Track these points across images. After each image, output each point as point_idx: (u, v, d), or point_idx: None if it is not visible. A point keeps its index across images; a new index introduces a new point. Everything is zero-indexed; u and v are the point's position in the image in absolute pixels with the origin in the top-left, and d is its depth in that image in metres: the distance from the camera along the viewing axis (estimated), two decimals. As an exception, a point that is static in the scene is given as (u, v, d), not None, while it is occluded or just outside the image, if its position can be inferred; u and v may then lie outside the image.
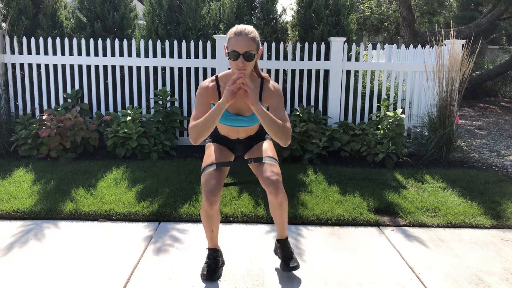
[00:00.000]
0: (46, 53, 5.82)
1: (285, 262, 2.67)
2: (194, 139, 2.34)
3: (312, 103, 5.85)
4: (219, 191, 2.47)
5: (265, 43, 5.69)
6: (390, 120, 5.26)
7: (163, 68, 5.90)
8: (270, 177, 2.46)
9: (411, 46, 6.06)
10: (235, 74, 2.29)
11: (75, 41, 5.64)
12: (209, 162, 2.59)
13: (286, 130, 2.34)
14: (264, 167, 2.52)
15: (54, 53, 5.83)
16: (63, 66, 5.86)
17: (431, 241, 3.31)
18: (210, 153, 2.66)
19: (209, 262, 2.68)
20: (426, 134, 5.61)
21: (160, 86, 5.78)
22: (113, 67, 5.89)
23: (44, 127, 5.04)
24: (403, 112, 6.03)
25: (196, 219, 3.58)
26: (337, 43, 5.68)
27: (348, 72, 5.94)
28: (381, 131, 5.27)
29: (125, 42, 5.67)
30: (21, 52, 5.78)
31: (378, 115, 5.64)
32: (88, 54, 5.84)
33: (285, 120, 2.39)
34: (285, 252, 2.71)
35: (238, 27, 2.34)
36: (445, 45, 5.58)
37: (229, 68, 5.67)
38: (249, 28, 2.34)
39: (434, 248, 3.19)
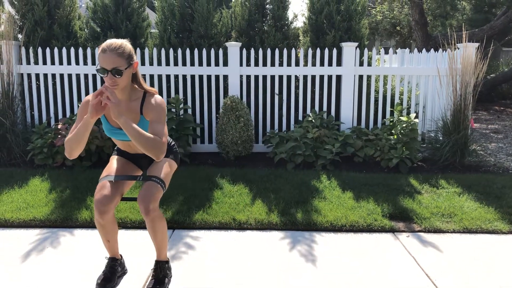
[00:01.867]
0: (61, 63, 5.91)
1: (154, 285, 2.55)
2: (68, 153, 2.33)
3: (325, 108, 5.85)
4: (110, 202, 2.41)
5: (277, 50, 5.71)
6: (404, 125, 5.22)
7: (176, 76, 5.95)
8: (143, 196, 2.40)
9: (424, 50, 6.03)
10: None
11: (89, 50, 5.72)
12: (105, 174, 2.55)
13: (157, 143, 2.29)
14: (145, 186, 2.46)
15: (69, 63, 5.92)
16: (78, 76, 5.94)
17: (446, 247, 3.28)
18: (110, 165, 2.62)
19: (105, 270, 2.62)
20: (441, 138, 5.56)
21: (173, 94, 5.83)
22: (127, 76, 5.94)
23: (59, 136, 5.10)
24: (416, 117, 5.99)
25: (210, 227, 3.59)
26: (349, 49, 5.67)
27: (361, 77, 5.92)
28: (395, 136, 5.24)
29: (138, 51, 5.73)
30: (36, 63, 5.87)
31: (391, 120, 5.61)
32: (102, 63, 5.90)
33: (160, 134, 2.34)
34: (156, 275, 2.59)
35: (106, 43, 2.30)
36: (458, 48, 5.53)
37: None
38: (116, 42, 2.30)
39: (450, 254, 3.15)
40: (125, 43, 2.34)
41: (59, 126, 5.24)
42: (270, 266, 2.94)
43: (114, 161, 2.66)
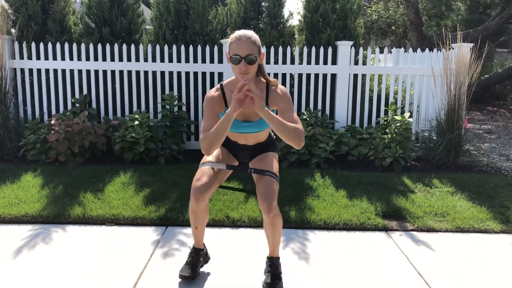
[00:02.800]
0: (54, 58, 5.87)
1: (270, 283, 2.58)
2: (207, 150, 2.32)
3: (319, 107, 5.85)
4: (208, 190, 2.45)
5: (272, 47, 5.70)
6: (398, 124, 5.24)
7: (171, 73, 5.93)
8: (266, 195, 2.41)
9: (419, 49, 6.05)
10: (239, 81, 2.27)
11: (83, 46, 5.69)
12: (207, 160, 2.60)
13: (298, 131, 2.30)
14: (264, 182, 2.47)
15: (63, 58, 5.88)
16: (71, 71, 5.90)
17: (439, 246, 3.29)
18: (213, 153, 2.65)
19: (188, 260, 2.70)
20: (434, 138, 5.58)
21: (167, 91, 5.81)
22: (121, 72, 5.92)
23: (52, 131, 5.07)
24: (410, 116, 6.00)
25: (203, 224, 3.58)
26: (344, 47, 5.67)
27: (356, 76, 5.93)
28: (389, 135, 5.25)
29: (132, 47, 5.70)
30: (30, 58, 5.83)
31: (385, 119, 5.62)
32: (96, 59, 5.88)
33: (296, 122, 2.35)
34: (273, 271, 2.63)
35: (239, 32, 2.34)
36: (453, 48, 5.55)
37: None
38: (249, 32, 2.34)
39: (442, 253, 3.17)
40: (255, 34, 2.38)
41: (52, 122, 5.20)
42: (263, 264, 2.94)
43: (218, 150, 2.69)
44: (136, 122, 5.28)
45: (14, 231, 3.40)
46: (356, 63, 5.96)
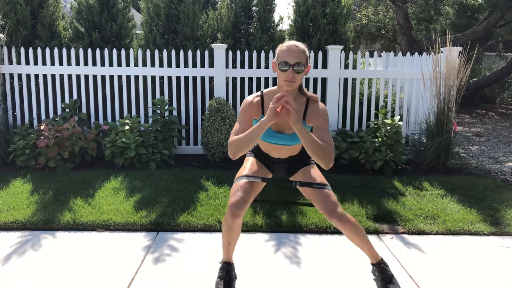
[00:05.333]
0: (44, 63, 5.83)
1: (383, 286, 2.58)
2: (233, 154, 2.30)
3: (310, 111, 5.85)
4: (244, 205, 2.40)
5: (263, 52, 5.71)
6: (388, 128, 5.26)
7: (161, 78, 5.91)
8: (333, 210, 2.40)
9: (408, 53, 6.09)
10: (280, 91, 2.26)
11: (73, 51, 5.66)
12: (243, 174, 2.57)
13: (328, 152, 2.26)
14: (323, 196, 2.46)
15: (52, 63, 5.84)
16: (61, 76, 5.87)
17: (430, 248, 3.30)
18: (247, 166, 2.63)
19: (223, 276, 2.64)
20: (424, 141, 5.62)
21: (158, 96, 5.79)
22: (111, 77, 5.90)
23: (42, 137, 5.03)
24: (400, 120, 6.04)
25: (194, 229, 3.57)
26: (334, 51, 5.70)
27: (346, 80, 5.95)
28: (379, 139, 5.28)
29: (123, 52, 5.68)
30: (19, 63, 5.78)
31: (376, 122, 5.65)
32: (86, 64, 5.85)
33: (328, 142, 2.32)
34: (383, 275, 2.61)
35: (290, 42, 2.33)
36: (442, 52, 5.60)
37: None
38: (300, 43, 2.34)
39: (433, 256, 3.18)
40: (305, 46, 2.36)
41: (42, 127, 5.16)
42: (255, 268, 2.93)
43: (251, 162, 2.67)
44: (127, 127, 5.26)
45: (3, 238, 3.36)
46: (346, 67, 5.99)
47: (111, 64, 5.90)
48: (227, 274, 2.64)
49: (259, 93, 2.49)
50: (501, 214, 3.90)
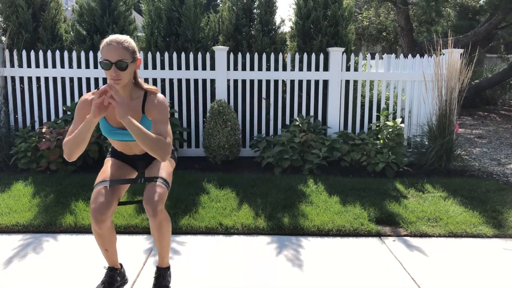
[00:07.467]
0: (45, 66, 5.84)
1: None
2: (67, 155, 2.23)
3: (312, 113, 5.86)
4: (106, 209, 2.33)
5: (264, 54, 5.71)
6: (390, 130, 5.26)
7: (163, 80, 5.92)
8: (150, 198, 2.34)
9: (410, 55, 6.08)
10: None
11: (74, 53, 5.66)
12: (100, 179, 2.46)
13: (161, 143, 2.21)
14: (149, 186, 2.40)
15: (54, 66, 5.85)
16: (63, 79, 5.87)
17: (432, 251, 3.29)
18: (105, 169, 2.53)
19: (104, 280, 2.57)
20: (426, 143, 5.61)
21: (159, 98, 5.78)
22: (113, 79, 5.89)
23: (43, 140, 5.03)
24: (402, 122, 6.03)
25: (196, 232, 3.56)
26: (336, 53, 5.70)
27: (347, 82, 5.95)
28: (381, 141, 5.27)
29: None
30: (21, 65, 5.79)
31: (377, 124, 5.64)
32: (87, 66, 5.86)
33: (165, 135, 2.27)
34: (159, 284, 2.55)
35: (111, 36, 2.24)
36: (444, 54, 5.60)
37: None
38: (122, 37, 2.25)
39: (435, 258, 3.17)
40: (130, 39, 2.30)
41: (44, 130, 5.17)
42: (256, 271, 2.93)
43: (108, 165, 2.57)
44: (128, 130, 5.25)
45: (4, 241, 3.36)
46: (347, 69, 5.98)
47: (112, 67, 5.89)
48: (108, 279, 2.56)
49: (95, 90, 2.35)
50: (503, 216, 3.89)
